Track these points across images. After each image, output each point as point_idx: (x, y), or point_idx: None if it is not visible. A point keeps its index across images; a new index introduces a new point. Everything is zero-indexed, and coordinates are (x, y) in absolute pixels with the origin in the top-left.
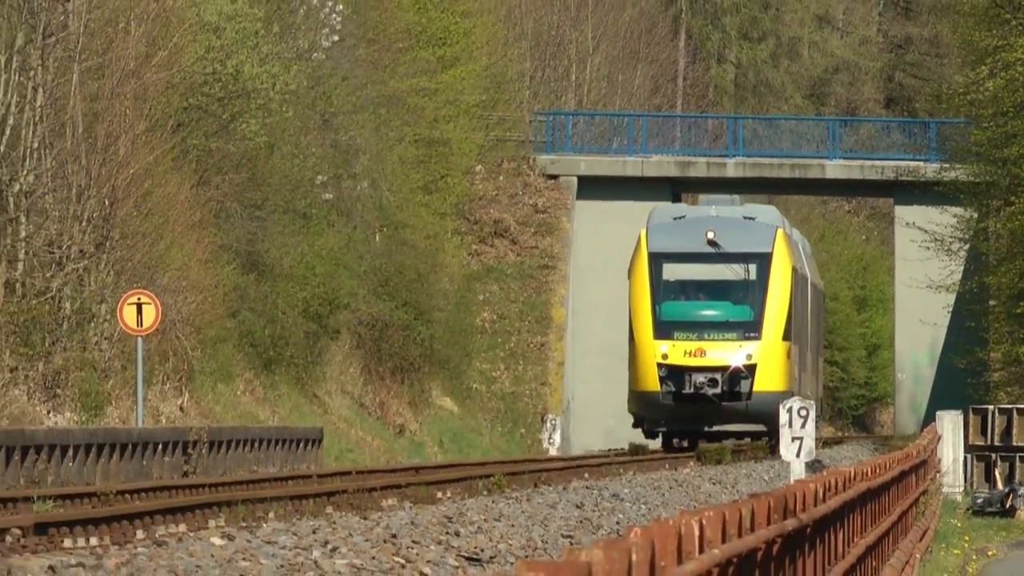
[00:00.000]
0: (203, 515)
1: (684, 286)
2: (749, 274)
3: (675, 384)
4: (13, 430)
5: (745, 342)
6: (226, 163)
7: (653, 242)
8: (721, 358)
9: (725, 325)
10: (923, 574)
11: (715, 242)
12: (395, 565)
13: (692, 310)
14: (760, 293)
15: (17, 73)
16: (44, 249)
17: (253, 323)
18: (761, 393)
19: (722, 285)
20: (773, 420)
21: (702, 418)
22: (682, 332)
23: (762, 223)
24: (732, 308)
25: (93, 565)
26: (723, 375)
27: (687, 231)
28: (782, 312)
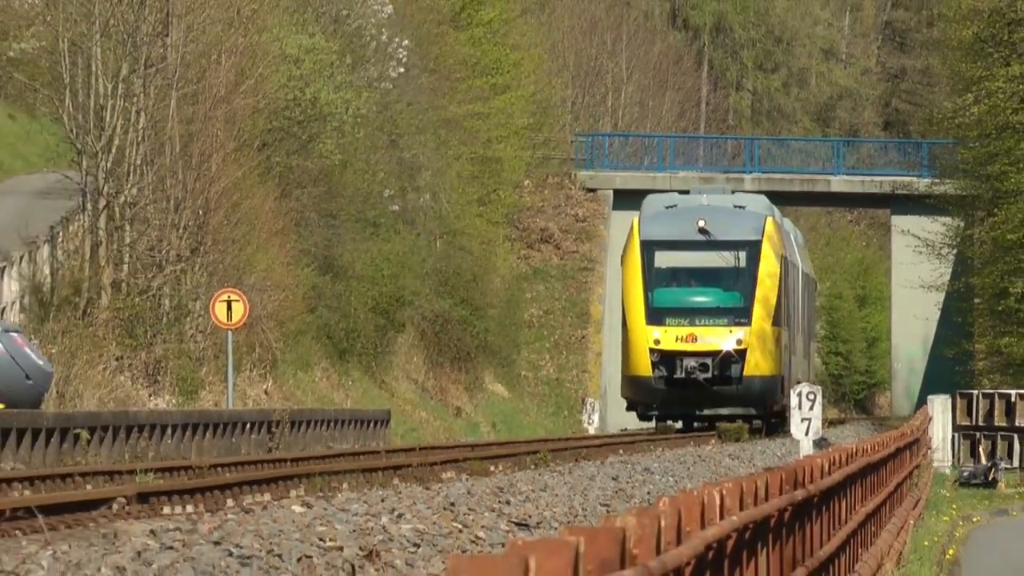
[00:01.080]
0: (285, 486)
1: (675, 273)
2: (739, 261)
3: (667, 369)
4: (119, 412)
5: (735, 327)
6: (305, 178)
7: (645, 230)
8: (712, 343)
9: (716, 311)
10: (916, 538)
11: (706, 230)
12: (453, 530)
13: (683, 296)
14: (750, 280)
15: (122, 99)
16: (146, 253)
17: (329, 318)
18: (751, 377)
19: (713, 272)
20: (763, 403)
21: (694, 402)
22: (674, 318)
23: (752, 212)
24: (722, 294)
25: (189, 530)
26: (714, 360)
27: (678, 219)
28: (771, 298)
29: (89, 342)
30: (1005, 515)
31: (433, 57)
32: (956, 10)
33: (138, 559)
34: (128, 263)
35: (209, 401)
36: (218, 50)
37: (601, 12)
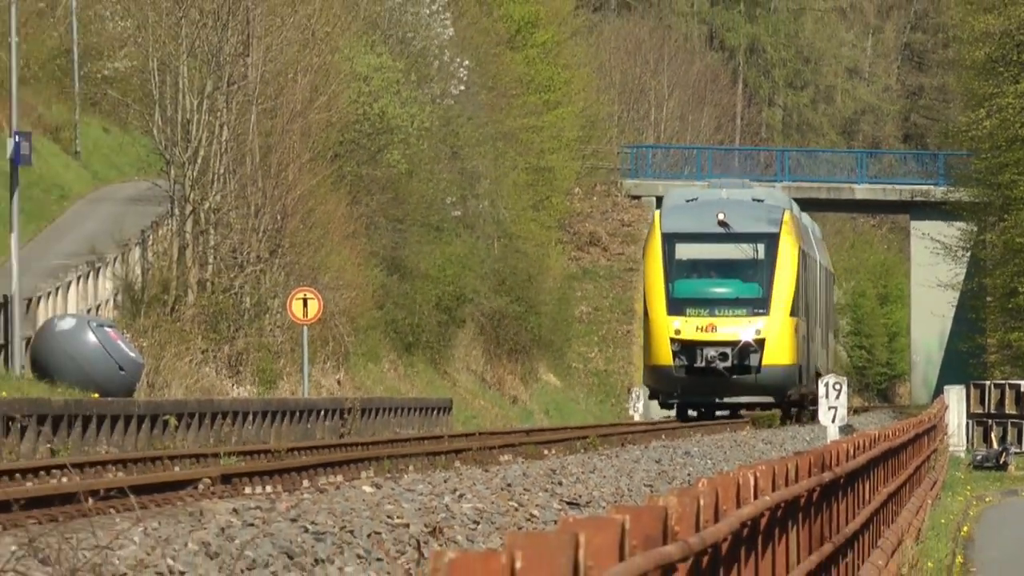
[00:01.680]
0: (356, 468)
1: (696, 265)
2: (758, 253)
3: (687, 358)
4: (204, 400)
5: (754, 318)
6: (374, 186)
7: (667, 223)
8: (731, 333)
9: (735, 302)
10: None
11: (725, 223)
12: (510, 509)
13: (703, 287)
14: (768, 271)
15: (207, 114)
16: (229, 255)
17: (396, 314)
18: (770, 366)
19: (732, 264)
20: (781, 392)
21: (713, 390)
22: (694, 308)
23: (770, 205)
24: (742, 285)
25: (268, 508)
26: (733, 349)
27: (699, 212)
28: (789, 289)
29: (177, 336)
30: (1015, 495)
31: (491, 75)
32: (969, 32)
33: (222, 535)
34: (212, 264)
35: (286, 390)
36: (294, 69)
37: (644, 34)
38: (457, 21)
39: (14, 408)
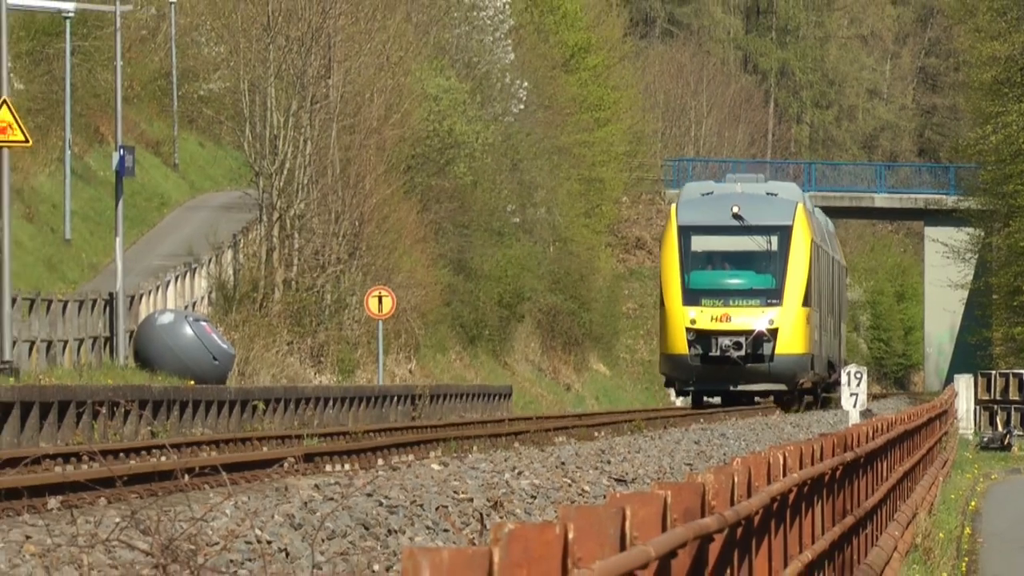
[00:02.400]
0: (425, 448)
1: (711, 256)
2: (771, 245)
3: (703, 347)
4: (289, 387)
5: (767, 308)
6: (442, 195)
7: (683, 216)
8: (745, 323)
9: (749, 292)
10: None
11: (740, 216)
12: (564, 484)
13: (718, 278)
14: (781, 263)
15: (292, 130)
16: (311, 257)
17: (461, 310)
18: (783, 355)
19: (746, 255)
20: (793, 380)
21: (728, 378)
22: (709, 299)
23: (784, 199)
24: (755, 277)
25: (346, 484)
26: (747, 339)
27: (714, 205)
28: (802, 280)
29: (264, 330)
30: (1018, 473)
31: (547, 96)
32: (977, 57)
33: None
34: (296, 265)
35: (363, 378)
36: (371, 89)
37: (686, 59)
38: (517, 47)
39: (118, 394)
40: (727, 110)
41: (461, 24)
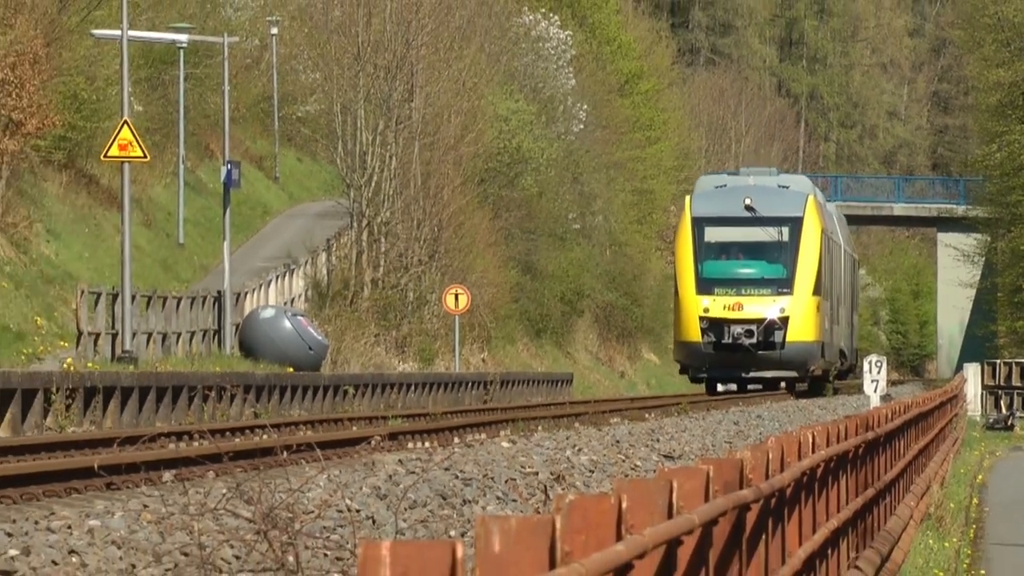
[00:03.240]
0: (496, 428)
1: (724, 247)
2: (782, 236)
3: (715, 335)
4: (376, 373)
5: (779, 297)
6: (511, 204)
7: (696, 207)
8: (757, 311)
9: (761, 282)
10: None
11: (752, 207)
12: (618, 460)
13: (731, 268)
14: (792, 253)
15: (379, 147)
16: (396, 259)
17: (528, 306)
18: (794, 343)
19: (758, 246)
20: (804, 367)
21: (740, 366)
22: (722, 288)
23: (795, 191)
24: (767, 266)
25: (426, 459)
26: (759, 327)
27: (727, 197)
28: (812, 270)
29: (354, 323)
30: (1020, 451)
31: (604, 117)
32: (984, 83)
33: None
34: (383, 266)
35: (441, 366)
36: (449, 111)
37: (726, 84)
38: (578, 74)
39: (225, 380)
40: (763, 129)
41: (528, 53)
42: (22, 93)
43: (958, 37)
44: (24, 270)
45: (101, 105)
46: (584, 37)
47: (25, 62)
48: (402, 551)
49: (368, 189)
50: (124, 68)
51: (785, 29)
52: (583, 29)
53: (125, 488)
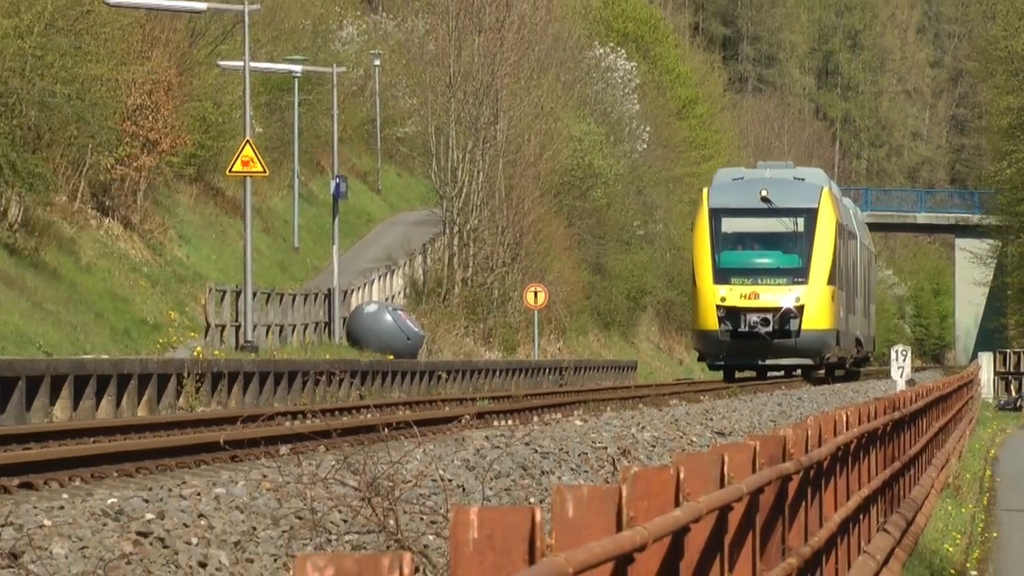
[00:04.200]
0: (570, 408)
1: (740, 237)
2: (798, 226)
3: (732, 323)
4: (465, 360)
5: (794, 286)
6: (583, 214)
7: (714, 199)
8: (773, 300)
9: (776, 271)
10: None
11: (768, 199)
12: (676, 436)
13: (747, 258)
14: (807, 243)
15: (468, 163)
16: (483, 261)
17: (598, 302)
18: (809, 331)
19: (774, 236)
20: (819, 355)
21: (756, 353)
22: (738, 278)
23: (810, 183)
24: (783, 256)
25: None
26: (775, 315)
27: (743, 189)
28: (827, 260)
29: (446, 317)
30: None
31: (664, 137)
32: (996, 108)
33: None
34: (471, 267)
35: (522, 354)
36: (529, 132)
37: (771, 109)
38: (641, 100)
39: (334, 366)
40: (803, 148)
41: (598, 82)
42: (158, 116)
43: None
44: (159, 270)
45: (226, 127)
46: (647, 68)
47: (160, 89)
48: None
49: (459, 200)
50: (246, 94)
51: (822, 61)
52: (646, 61)
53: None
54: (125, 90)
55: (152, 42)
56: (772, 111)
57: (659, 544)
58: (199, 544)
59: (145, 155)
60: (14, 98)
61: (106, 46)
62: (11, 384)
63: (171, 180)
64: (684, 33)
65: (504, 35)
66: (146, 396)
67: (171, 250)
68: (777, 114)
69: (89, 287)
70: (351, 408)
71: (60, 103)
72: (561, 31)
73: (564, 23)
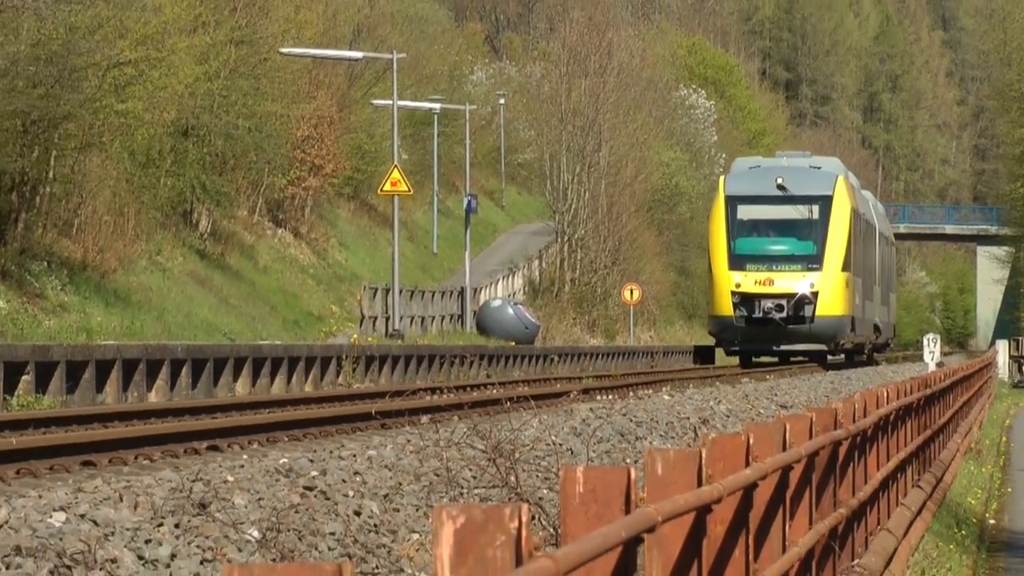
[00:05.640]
0: (659, 385)
1: (756, 224)
2: (813, 214)
3: (747, 309)
4: (573, 346)
5: (809, 272)
6: (671, 225)
7: (730, 186)
8: (787, 287)
9: (791, 258)
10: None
11: (783, 186)
12: (747, 408)
13: (762, 245)
14: (822, 230)
15: (576, 184)
16: (588, 264)
17: (683, 299)
18: (823, 317)
19: (789, 223)
20: (834, 340)
21: (770, 339)
22: (753, 264)
23: (826, 171)
24: (797, 243)
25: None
26: (789, 301)
27: (759, 177)
28: (842, 246)
29: (558, 310)
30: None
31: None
32: (1012, 138)
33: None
34: (578, 269)
35: (620, 341)
36: (626, 159)
37: (824, 140)
38: (718, 132)
39: (466, 351)
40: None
41: (683, 117)
42: (322, 145)
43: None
44: (323, 271)
45: (377, 154)
46: (723, 106)
47: (324, 123)
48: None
49: (568, 214)
50: (394, 128)
51: (868, 100)
52: (722, 100)
53: (394, 428)
54: (295, 124)
55: (317, 84)
56: (826, 141)
57: (732, 497)
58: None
59: (311, 177)
60: (204, 130)
61: (279, 88)
62: (201, 365)
63: (333, 198)
64: (754, 77)
65: (606, 79)
66: (312, 375)
67: (332, 255)
68: (830, 144)
69: (265, 285)
70: (479, 385)
71: (242, 134)
72: (653, 75)
73: (655, 69)
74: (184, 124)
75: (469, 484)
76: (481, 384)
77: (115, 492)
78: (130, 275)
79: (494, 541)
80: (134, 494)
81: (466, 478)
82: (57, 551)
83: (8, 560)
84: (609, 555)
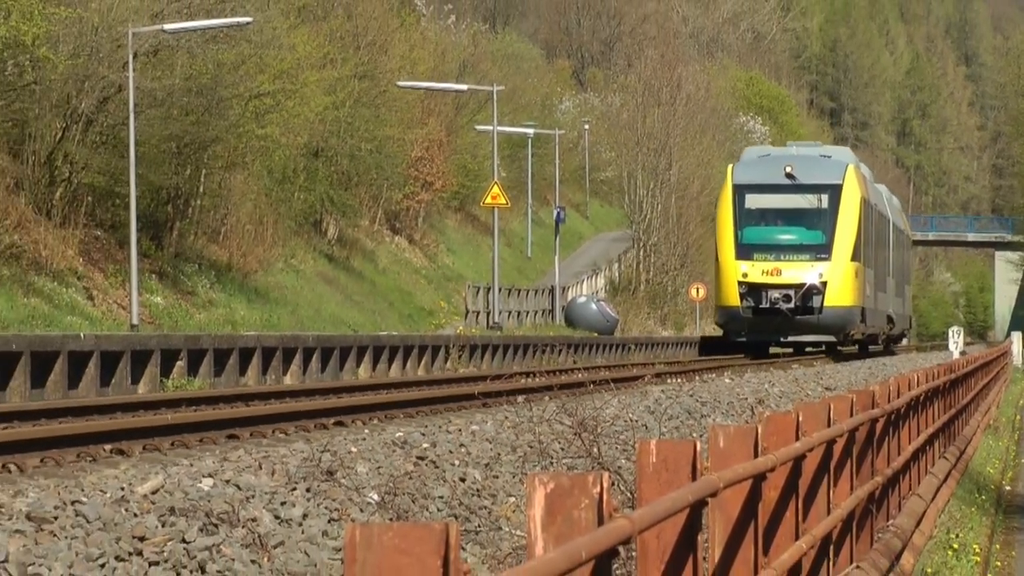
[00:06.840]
0: (721, 370)
1: (764, 213)
2: (822, 203)
3: (754, 299)
4: (647, 336)
5: (817, 262)
6: None
7: (738, 175)
8: (795, 276)
9: (799, 247)
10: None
11: (792, 175)
12: (797, 390)
13: (770, 234)
14: (831, 219)
15: (651, 197)
16: (660, 267)
17: None
18: (831, 308)
19: (797, 212)
20: (842, 331)
21: (778, 329)
22: (761, 254)
23: (836, 160)
24: (806, 232)
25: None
26: (797, 292)
27: (768, 166)
28: (851, 236)
29: (635, 306)
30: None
31: None
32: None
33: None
34: (652, 271)
35: (688, 332)
36: (693, 176)
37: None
38: None
39: (556, 340)
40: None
41: (741, 141)
42: (432, 165)
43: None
44: (433, 272)
45: (480, 172)
46: (776, 131)
47: (434, 145)
48: (663, 446)
49: (643, 224)
50: (494, 149)
51: (900, 126)
52: (775, 125)
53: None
54: (409, 146)
55: (428, 112)
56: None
57: (784, 467)
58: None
59: (423, 192)
60: (332, 152)
61: (396, 115)
62: (329, 353)
63: (442, 209)
64: (803, 106)
65: (676, 108)
66: (423, 361)
67: (441, 258)
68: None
69: (384, 284)
70: (567, 369)
71: (364, 156)
72: (716, 105)
73: (718, 99)
74: (315, 146)
75: (558, 455)
76: (568, 369)
77: (255, 461)
78: (268, 275)
79: (579, 504)
80: (271, 463)
81: (555, 450)
82: (205, 511)
83: (164, 519)
84: (678, 516)
